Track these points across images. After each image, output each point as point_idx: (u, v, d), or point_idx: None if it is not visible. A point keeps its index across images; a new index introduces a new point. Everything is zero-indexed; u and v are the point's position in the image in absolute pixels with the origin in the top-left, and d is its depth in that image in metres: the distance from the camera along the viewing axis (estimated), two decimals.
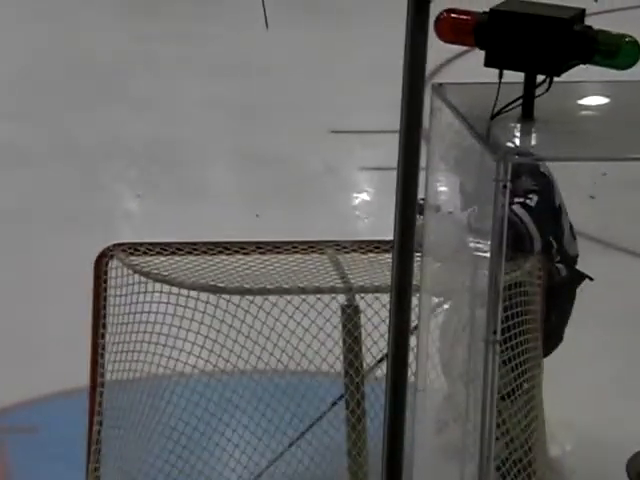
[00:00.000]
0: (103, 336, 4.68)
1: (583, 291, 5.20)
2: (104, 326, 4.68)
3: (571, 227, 5.29)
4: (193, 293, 4.73)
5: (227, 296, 4.66)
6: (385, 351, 3.91)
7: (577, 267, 5.26)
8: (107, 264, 4.69)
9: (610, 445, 4.93)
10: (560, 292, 4.98)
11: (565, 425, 5.10)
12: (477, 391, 3.80)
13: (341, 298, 4.69)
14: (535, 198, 5.06)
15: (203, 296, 4.73)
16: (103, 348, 4.69)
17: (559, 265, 5.14)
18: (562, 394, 5.03)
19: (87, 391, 4.75)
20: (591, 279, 5.22)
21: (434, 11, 3.62)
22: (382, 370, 3.95)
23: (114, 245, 4.75)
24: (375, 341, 4.64)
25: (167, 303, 4.67)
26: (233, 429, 4.83)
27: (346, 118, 7.86)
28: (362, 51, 8.52)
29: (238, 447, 4.85)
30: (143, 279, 4.67)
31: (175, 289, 4.67)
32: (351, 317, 4.64)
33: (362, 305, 4.65)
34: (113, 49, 8.67)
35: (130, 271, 4.68)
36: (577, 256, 5.25)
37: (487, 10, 3.79)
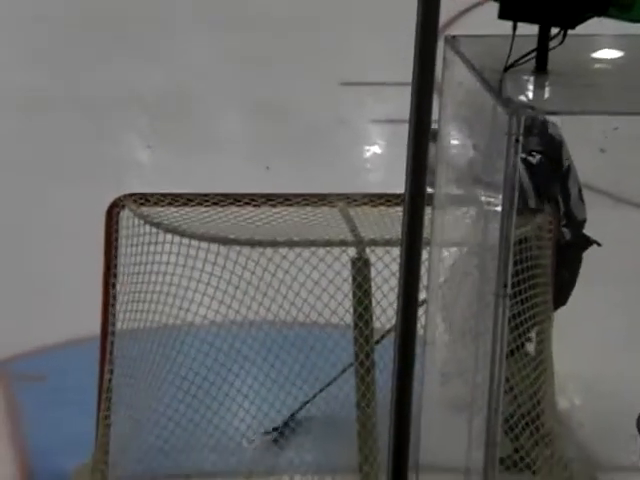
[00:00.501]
0: (114, 286, 4.69)
1: (592, 247, 5.19)
2: (115, 276, 4.68)
3: (580, 191, 5.25)
4: (203, 244, 4.73)
5: (237, 247, 4.66)
6: (395, 304, 3.91)
7: (584, 231, 5.23)
8: (118, 214, 4.69)
9: (619, 399, 4.94)
10: (564, 256, 4.94)
11: (575, 378, 5.10)
12: (486, 344, 3.80)
13: (351, 251, 4.69)
14: (538, 157, 5.03)
15: (213, 247, 4.73)
16: (114, 297, 4.70)
17: (564, 229, 5.11)
18: (572, 348, 5.04)
19: (98, 340, 4.76)
20: (599, 244, 5.19)
21: None
22: (392, 323, 3.95)
23: (125, 195, 4.75)
24: (385, 294, 4.64)
25: (178, 254, 4.67)
26: (242, 379, 4.85)
27: (357, 70, 7.83)
28: (375, 2, 8.47)
29: (247, 397, 4.86)
30: (154, 229, 4.67)
31: (186, 240, 4.67)
32: (361, 270, 4.64)
33: (372, 258, 4.65)
34: (128, 2, 8.64)
35: (141, 221, 4.68)
36: (584, 221, 5.21)
37: None
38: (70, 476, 4.87)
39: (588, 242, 5.22)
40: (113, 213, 4.70)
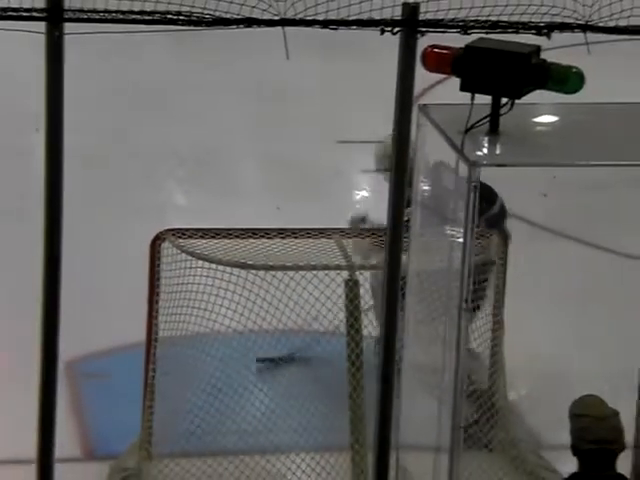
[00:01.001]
0: (157, 302, 4.67)
1: (537, 272, 5.16)
2: (158, 294, 4.66)
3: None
4: (227, 268, 4.72)
5: (254, 271, 4.64)
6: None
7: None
8: (160, 245, 4.68)
9: (557, 389, 4.90)
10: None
11: (522, 373, 5.07)
12: (452, 346, 3.79)
13: (344, 274, 4.67)
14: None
15: (235, 271, 4.71)
16: (157, 311, 4.68)
17: None
18: (521, 350, 5.01)
19: (144, 345, 4.74)
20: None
21: (420, 46, 3.60)
22: (376, 330, 3.93)
23: (166, 230, 4.74)
24: (370, 307, 4.61)
25: (207, 276, 4.66)
26: (258, 376, 4.82)
27: (350, 131, 7.82)
28: (362, 77, 8.47)
29: (262, 390, 4.84)
30: (188, 257, 4.66)
31: (214, 265, 4.66)
32: (352, 289, 4.62)
33: (361, 279, 4.63)
34: (167, 76, 8.64)
35: (178, 251, 4.66)
36: None
37: (463, 46, 3.76)
38: (121, 454, 4.83)
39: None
40: (156, 244, 4.69)
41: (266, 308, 4.67)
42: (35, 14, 3.38)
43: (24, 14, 3.38)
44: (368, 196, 7.34)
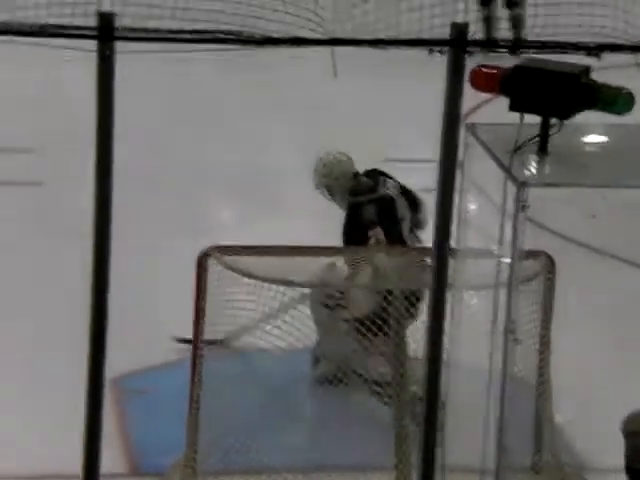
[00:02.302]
0: (203, 317, 4.69)
1: (585, 293, 5.09)
2: (204, 310, 4.68)
3: (412, 229, 5.21)
4: (273, 286, 4.73)
5: (299, 288, 4.65)
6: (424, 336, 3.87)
7: None
8: (206, 261, 4.70)
9: (605, 411, 4.84)
10: None
11: (569, 396, 5.02)
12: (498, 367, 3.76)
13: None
14: (382, 235, 5.06)
15: (280, 288, 4.72)
16: (203, 327, 4.69)
17: None
18: (568, 372, 4.96)
19: (190, 360, 4.75)
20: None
21: (469, 66, 3.59)
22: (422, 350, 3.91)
23: (212, 247, 4.76)
24: (417, 327, 4.59)
25: (253, 293, 4.67)
26: (303, 393, 4.81)
27: (398, 149, 7.82)
28: (409, 97, 8.47)
29: (306, 407, 4.83)
30: (234, 274, 4.67)
31: (259, 282, 4.67)
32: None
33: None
34: (212, 94, 8.70)
35: (223, 267, 4.68)
36: None
37: (512, 66, 3.76)
38: (166, 471, 4.84)
39: None
40: (202, 260, 4.72)
41: (310, 325, 4.67)
42: (86, 32, 3.42)
43: (75, 32, 3.43)
44: None
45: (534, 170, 3.76)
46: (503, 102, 3.78)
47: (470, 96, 3.66)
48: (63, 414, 4.90)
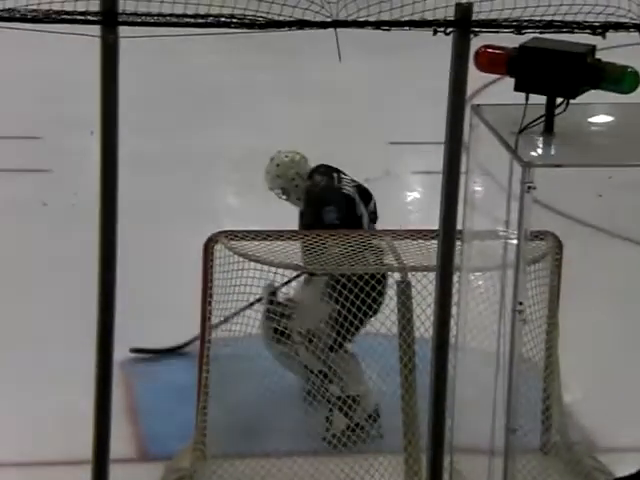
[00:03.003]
0: (210, 303, 4.69)
1: (591, 274, 5.09)
2: (211, 295, 4.68)
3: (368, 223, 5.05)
4: (280, 270, 4.72)
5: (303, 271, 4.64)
6: (431, 317, 3.88)
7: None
8: (213, 247, 4.70)
9: (615, 393, 4.85)
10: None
11: (577, 377, 5.02)
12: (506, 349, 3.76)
13: (396, 275, 4.65)
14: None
15: (287, 273, 4.71)
16: (210, 312, 4.70)
17: None
18: (576, 353, 4.96)
19: (198, 345, 4.76)
20: None
21: (474, 46, 3.58)
22: (429, 333, 3.92)
23: (219, 232, 4.76)
24: (423, 310, 4.60)
25: (260, 278, 4.67)
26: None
27: (401, 132, 7.80)
28: (414, 78, 8.45)
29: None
30: (241, 259, 4.67)
31: (265, 267, 4.67)
32: (404, 290, 4.60)
33: (413, 281, 4.61)
34: (219, 77, 8.69)
35: (231, 252, 4.68)
36: None
37: (517, 46, 3.74)
38: (175, 454, 4.86)
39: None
40: (209, 246, 4.71)
41: (320, 307, 4.66)
42: (90, 17, 3.41)
43: (79, 17, 3.42)
44: (420, 197, 7.33)
45: (540, 151, 3.75)
46: (509, 82, 3.77)
47: (475, 77, 3.65)
48: (72, 399, 4.92)
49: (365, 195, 5.10)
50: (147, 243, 6.19)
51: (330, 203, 4.95)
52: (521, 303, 3.71)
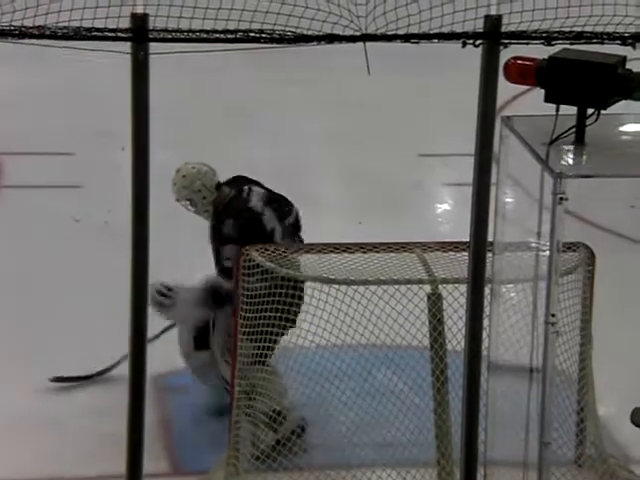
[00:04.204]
0: (242, 316, 4.70)
1: (624, 285, 5.05)
2: (242, 308, 4.69)
3: (283, 236, 4.97)
4: (309, 283, 4.73)
5: (336, 286, 4.64)
6: (463, 330, 3.87)
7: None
8: (244, 261, 4.71)
9: None
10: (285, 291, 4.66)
11: (611, 389, 4.98)
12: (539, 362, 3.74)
13: (427, 288, 4.64)
14: (234, 252, 4.80)
15: (318, 286, 4.72)
16: (242, 326, 4.71)
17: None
18: (610, 365, 4.92)
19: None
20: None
21: (503, 58, 3.58)
22: (461, 345, 3.90)
23: (248, 246, 4.76)
24: (454, 322, 4.59)
25: (289, 291, 4.66)
26: (342, 390, 4.82)
27: (431, 144, 7.80)
28: (444, 90, 8.45)
29: (346, 405, 4.83)
30: (271, 272, 4.68)
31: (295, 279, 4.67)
32: (435, 303, 4.59)
33: (444, 293, 4.60)
34: (247, 93, 8.73)
35: (261, 265, 4.68)
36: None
37: (547, 57, 3.73)
38: (210, 469, 4.87)
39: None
40: (240, 259, 4.72)
41: (348, 323, 4.67)
42: (120, 34, 3.44)
43: (109, 34, 3.45)
44: (450, 209, 7.31)
45: (571, 161, 3.74)
46: (539, 93, 3.76)
47: (505, 88, 3.65)
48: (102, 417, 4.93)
49: (282, 208, 5.02)
50: (178, 255, 6.21)
51: (230, 217, 4.92)
52: (554, 315, 3.69)
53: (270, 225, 4.97)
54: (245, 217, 4.92)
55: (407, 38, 3.43)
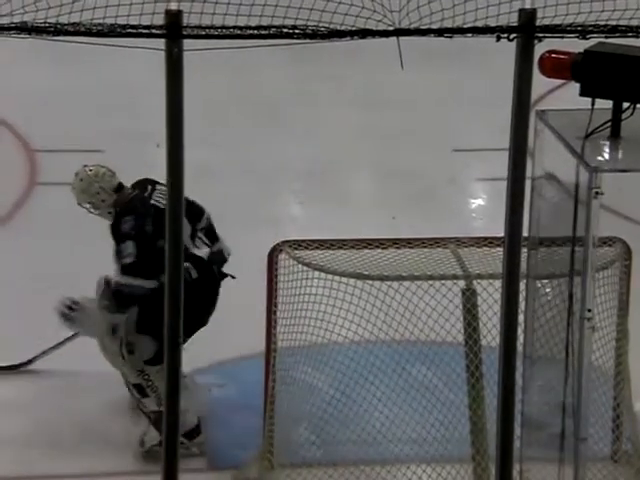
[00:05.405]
0: (275, 312, 4.72)
1: None
2: (276, 304, 4.71)
3: (195, 236, 4.98)
4: (343, 279, 4.73)
5: (370, 281, 4.65)
6: (498, 325, 3.86)
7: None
8: (277, 256, 4.73)
9: None
10: (193, 289, 4.62)
11: None
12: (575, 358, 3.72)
13: (461, 283, 4.63)
14: (131, 249, 4.82)
15: (351, 281, 4.73)
16: (275, 321, 4.72)
17: (191, 269, 4.86)
18: None
19: (264, 355, 4.79)
20: (233, 277, 4.92)
21: (538, 52, 3.56)
22: (496, 341, 3.90)
23: (283, 242, 4.78)
24: (489, 317, 4.57)
25: (324, 287, 4.68)
26: (376, 386, 4.82)
27: (466, 139, 7.77)
28: (478, 85, 8.42)
29: (380, 400, 4.83)
30: (305, 268, 4.69)
31: (330, 276, 4.68)
32: (470, 298, 4.58)
33: (478, 289, 4.59)
34: (281, 89, 8.73)
35: (295, 262, 4.70)
36: (209, 260, 4.96)
37: (582, 51, 3.71)
38: (244, 464, 4.89)
39: (220, 277, 5.00)
40: (273, 255, 4.74)
41: (382, 318, 4.67)
42: (154, 31, 3.46)
43: (143, 31, 3.47)
44: (484, 204, 7.29)
45: (607, 156, 3.72)
46: (574, 87, 3.74)
47: (540, 82, 3.63)
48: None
49: (191, 210, 4.93)
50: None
51: (128, 214, 4.91)
52: (590, 310, 3.67)
53: None
54: (143, 212, 4.91)
55: (441, 32, 3.43)
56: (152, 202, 4.97)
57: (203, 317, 4.99)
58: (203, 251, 5.03)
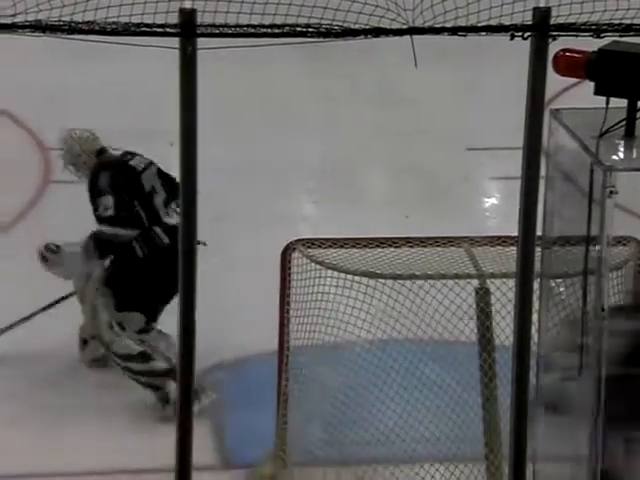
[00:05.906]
0: (288, 311, 4.72)
1: None
2: (289, 303, 4.71)
3: (168, 203, 5.11)
4: (356, 278, 4.74)
5: (383, 280, 4.65)
6: (511, 324, 3.86)
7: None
8: (290, 255, 4.73)
9: None
10: (165, 255, 4.86)
11: None
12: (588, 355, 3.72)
13: (475, 282, 4.63)
14: (111, 203, 4.98)
15: (364, 280, 4.73)
16: (288, 320, 4.73)
17: (161, 234, 5.03)
18: None
19: (277, 354, 4.80)
20: (204, 244, 4.80)
21: (552, 50, 3.56)
22: (510, 340, 3.90)
23: (296, 240, 4.79)
24: (503, 317, 4.57)
25: (337, 286, 4.68)
26: (389, 385, 4.82)
27: (479, 138, 7.77)
28: (492, 84, 8.41)
29: (393, 400, 4.83)
30: (318, 267, 4.70)
31: (343, 274, 4.68)
32: (483, 297, 4.58)
33: (492, 288, 4.58)
34: (294, 87, 8.74)
35: (308, 260, 4.71)
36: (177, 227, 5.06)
37: (596, 50, 3.71)
38: (257, 462, 4.90)
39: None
40: (287, 254, 4.75)
41: (395, 317, 4.67)
42: (168, 30, 3.47)
43: (157, 30, 3.48)
44: (498, 203, 7.28)
45: (621, 154, 3.71)
46: (588, 86, 3.74)
47: (554, 81, 3.63)
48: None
49: (171, 183, 5.12)
50: (226, 250, 6.25)
51: (104, 169, 5.14)
52: (604, 309, 3.67)
53: (149, 184, 5.15)
54: (118, 168, 5.15)
55: (455, 31, 3.43)
56: (130, 164, 5.19)
57: (176, 284, 5.03)
58: (175, 220, 5.15)
